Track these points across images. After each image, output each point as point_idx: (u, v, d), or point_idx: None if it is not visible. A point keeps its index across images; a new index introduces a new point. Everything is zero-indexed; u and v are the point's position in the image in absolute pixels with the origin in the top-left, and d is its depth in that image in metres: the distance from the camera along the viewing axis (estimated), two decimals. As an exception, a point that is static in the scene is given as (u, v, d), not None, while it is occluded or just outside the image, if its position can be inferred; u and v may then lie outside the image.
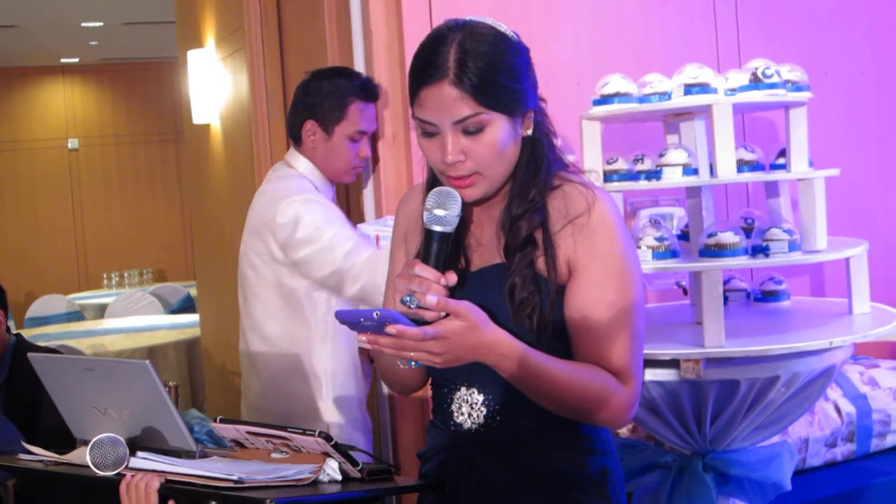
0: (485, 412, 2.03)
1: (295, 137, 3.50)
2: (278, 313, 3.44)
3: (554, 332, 1.97)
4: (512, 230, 1.99)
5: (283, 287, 3.40)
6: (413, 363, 1.85)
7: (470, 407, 2.05)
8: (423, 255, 1.90)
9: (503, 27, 1.97)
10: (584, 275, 1.96)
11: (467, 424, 2.05)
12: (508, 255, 1.99)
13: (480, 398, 2.03)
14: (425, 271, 1.86)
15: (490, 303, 1.97)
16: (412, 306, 1.83)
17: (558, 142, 2.07)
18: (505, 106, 1.92)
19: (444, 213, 1.90)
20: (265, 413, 3.49)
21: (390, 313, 1.77)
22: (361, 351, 3.50)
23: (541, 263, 1.97)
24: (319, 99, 3.43)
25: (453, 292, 1.96)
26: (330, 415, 3.45)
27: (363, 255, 3.24)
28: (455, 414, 2.06)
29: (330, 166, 3.46)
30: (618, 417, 1.97)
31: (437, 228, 1.90)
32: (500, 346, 1.86)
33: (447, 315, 1.82)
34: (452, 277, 1.88)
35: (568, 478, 2.03)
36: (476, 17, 1.97)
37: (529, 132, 1.99)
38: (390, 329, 1.78)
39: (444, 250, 1.90)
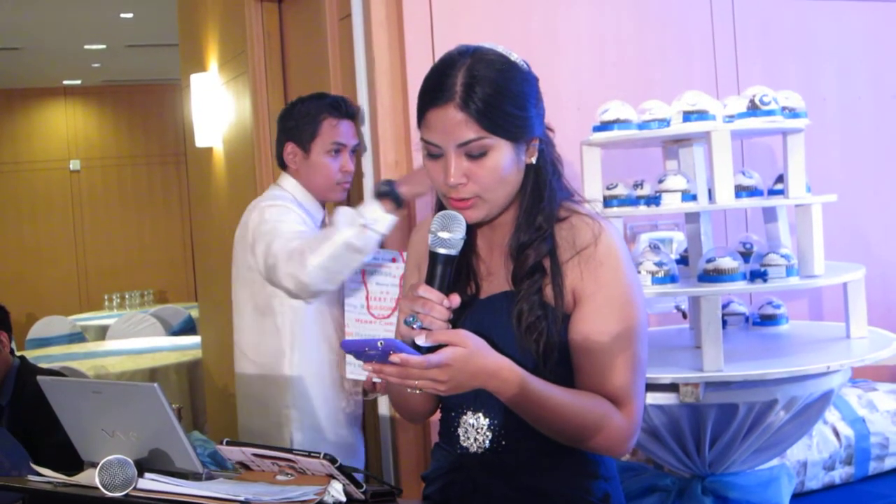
0: (490, 436, 2.06)
1: (280, 163, 3.59)
2: (252, 325, 3.54)
3: (559, 357, 2.00)
4: (520, 258, 2.02)
5: (255, 297, 3.50)
6: (418, 391, 1.88)
7: (476, 431, 2.07)
8: (428, 278, 1.93)
9: (514, 56, 2.00)
10: (588, 304, 2.00)
11: (473, 448, 2.07)
12: (516, 282, 2.02)
13: (486, 422, 2.06)
14: (429, 293, 1.89)
15: (498, 329, 2.00)
16: (415, 327, 1.86)
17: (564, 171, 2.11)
18: (508, 132, 1.95)
19: (448, 236, 1.93)
20: (250, 431, 3.59)
21: (394, 342, 1.80)
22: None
23: (548, 291, 2.00)
24: (295, 122, 3.53)
25: (463, 317, 1.99)
26: (294, 421, 3.51)
27: (298, 240, 3.25)
28: (461, 438, 2.09)
29: (314, 184, 3.53)
30: (617, 446, 1.99)
31: (442, 251, 1.93)
32: (502, 371, 1.89)
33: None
34: (456, 299, 1.91)
35: (570, 502, 2.05)
36: (488, 44, 2.00)
37: (533, 160, 2.02)
38: (394, 358, 1.81)
39: (448, 273, 1.93)
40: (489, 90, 1.93)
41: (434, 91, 1.96)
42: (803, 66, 4.14)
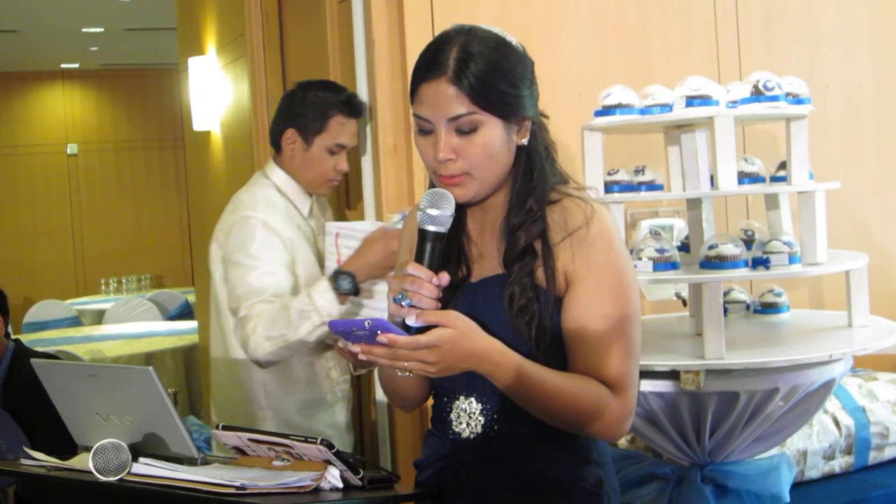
0: (483, 421, 2.05)
1: (275, 145, 3.49)
2: (218, 318, 3.48)
3: (552, 341, 1.99)
4: (511, 240, 2.02)
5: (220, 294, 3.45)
6: (408, 373, 1.87)
7: (468, 416, 2.06)
8: (417, 256, 1.92)
9: (509, 37, 2.01)
10: (581, 287, 1.99)
11: (465, 433, 2.06)
12: (507, 264, 2.02)
13: (479, 407, 2.05)
14: (418, 270, 1.89)
15: (490, 312, 1.99)
16: (404, 304, 1.85)
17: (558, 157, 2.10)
18: (499, 109, 1.95)
19: (437, 213, 1.92)
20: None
21: (381, 322, 1.79)
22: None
23: (540, 274, 1.99)
24: (303, 109, 3.43)
25: (454, 300, 1.99)
26: (268, 424, 3.43)
27: (263, 304, 3.23)
28: (454, 423, 2.08)
29: (305, 176, 3.47)
30: (611, 429, 1.98)
31: (431, 228, 1.92)
32: (493, 354, 1.89)
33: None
34: (445, 277, 1.90)
35: (563, 487, 2.04)
36: (485, 25, 2.01)
37: (525, 141, 2.02)
38: (382, 338, 1.79)
39: (437, 250, 1.92)
40: (482, 66, 1.93)
41: (427, 65, 1.97)
42: (806, 53, 4.11)
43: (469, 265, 2.09)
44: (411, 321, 1.83)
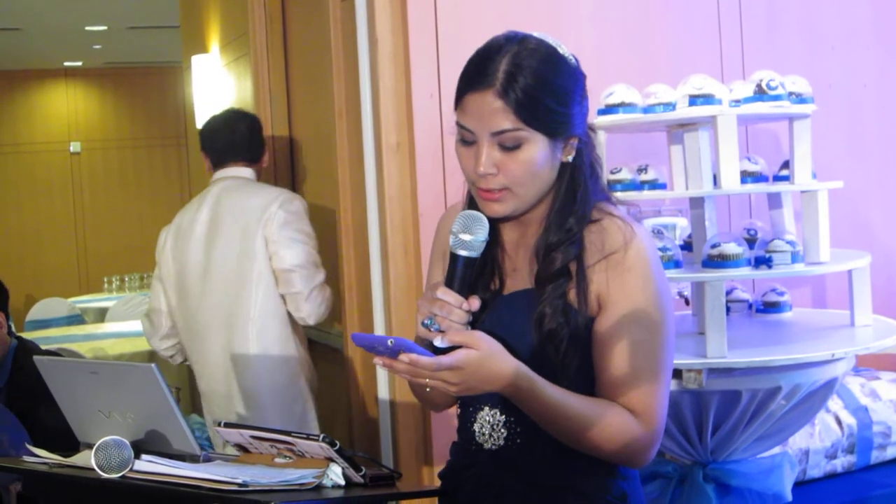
0: (505, 433, 2.01)
1: (257, 157, 4.09)
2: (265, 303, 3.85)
3: (579, 364, 1.95)
4: (546, 259, 1.96)
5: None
6: (429, 389, 1.84)
7: (491, 427, 2.02)
8: (448, 279, 1.88)
9: (563, 49, 1.94)
10: (614, 311, 1.93)
11: (488, 444, 2.03)
12: (540, 283, 1.96)
13: (502, 419, 2.01)
14: (448, 295, 1.85)
15: (516, 326, 1.95)
16: (433, 329, 1.83)
17: (603, 174, 2.06)
18: (546, 126, 1.88)
19: (469, 238, 1.88)
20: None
21: (403, 342, 1.75)
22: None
23: (572, 295, 1.94)
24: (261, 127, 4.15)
25: (484, 313, 1.95)
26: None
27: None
28: (477, 434, 2.04)
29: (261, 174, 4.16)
30: (635, 458, 1.94)
31: (463, 253, 1.88)
32: (516, 378, 1.83)
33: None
34: (475, 303, 1.87)
35: (588, 500, 2.00)
36: (538, 33, 1.94)
37: (570, 159, 1.96)
38: (403, 357, 1.76)
39: (468, 275, 1.88)
40: (531, 81, 1.86)
41: (475, 75, 1.89)
42: (809, 52, 4.11)
43: (502, 278, 2.03)
44: (438, 342, 1.81)
